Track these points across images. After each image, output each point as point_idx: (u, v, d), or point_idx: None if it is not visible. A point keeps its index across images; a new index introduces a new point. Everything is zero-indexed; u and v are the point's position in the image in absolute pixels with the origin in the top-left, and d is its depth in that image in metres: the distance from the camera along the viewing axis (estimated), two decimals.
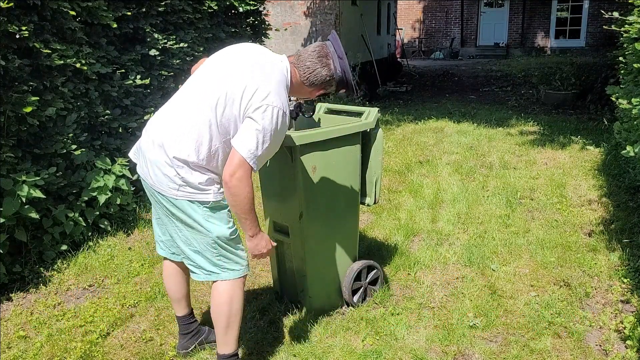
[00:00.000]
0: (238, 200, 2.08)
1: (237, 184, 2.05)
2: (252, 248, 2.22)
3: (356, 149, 2.92)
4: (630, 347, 2.64)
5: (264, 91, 2.09)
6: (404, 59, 17.84)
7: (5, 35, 3.21)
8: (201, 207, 2.16)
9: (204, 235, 2.20)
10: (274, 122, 2.08)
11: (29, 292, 3.32)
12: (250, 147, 2.04)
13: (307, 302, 2.94)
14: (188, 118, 2.13)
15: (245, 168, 2.04)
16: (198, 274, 2.29)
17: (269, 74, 2.17)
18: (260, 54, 2.27)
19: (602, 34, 16.65)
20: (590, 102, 9.14)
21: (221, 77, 2.16)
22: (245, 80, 2.11)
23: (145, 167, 2.23)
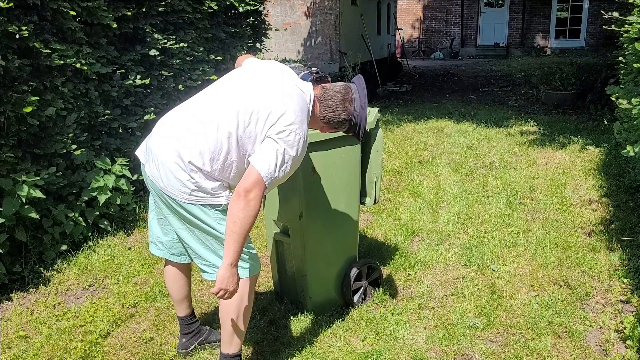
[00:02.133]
0: (242, 216, 2.01)
1: (250, 203, 2.01)
2: (220, 278, 2.04)
3: (356, 149, 2.92)
4: (630, 347, 2.64)
5: (290, 117, 2.09)
6: (404, 59, 17.85)
7: (5, 35, 3.20)
8: (213, 210, 2.15)
9: (217, 238, 2.19)
10: (294, 148, 2.08)
11: (29, 292, 3.32)
12: (269, 167, 2.04)
13: (307, 302, 2.94)
14: (209, 126, 2.10)
15: (261, 187, 2.03)
16: (210, 273, 2.26)
17: (297, 101, 2.17)
18: (291, 79, 2.27)
19: (602, 34, 16.65)
20: (590, 102, 9.14)
21: (252, 92, 2.15)
22: (275, 102, 2.11)
23: (155, 169, 2.18)
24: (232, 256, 2.04)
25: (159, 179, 2.17)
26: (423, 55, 21.27)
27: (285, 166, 2.08)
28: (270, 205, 2.97)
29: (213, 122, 2.11)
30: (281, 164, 2.06)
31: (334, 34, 11.82)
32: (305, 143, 2.14)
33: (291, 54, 12.15)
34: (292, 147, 2.08)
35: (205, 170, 2.10)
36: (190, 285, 2.61)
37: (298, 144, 2.09)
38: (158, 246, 2.50)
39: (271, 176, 2.04)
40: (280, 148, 2.06)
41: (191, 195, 2.12)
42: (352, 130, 2.37)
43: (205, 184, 2.11)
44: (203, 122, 2.12)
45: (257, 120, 2.09)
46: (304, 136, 2.12)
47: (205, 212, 2.15)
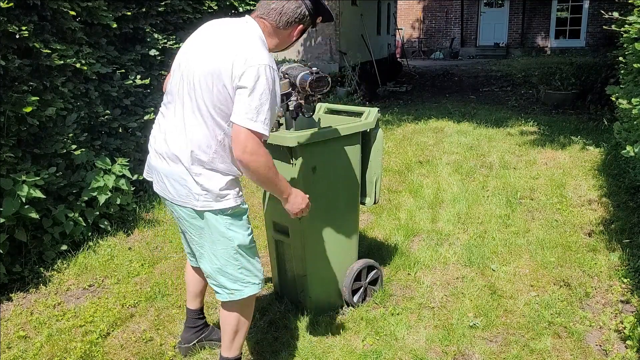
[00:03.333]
0: (261, 172, 1.99)
1: (252, 158, 1.94)
2: (290, 208, 2.19)
3: (356, 149, 2.92)
4: (630, 347, 2.64)
5: (242, 56, 1.98)
6: (404, 59, 17.84)
7: (5, 35, 3.21)
8: (222, 215, 2.13)
9: (226, 247, 2.16)
10: (264, 80, 1.96)
11: (29, 292, 3.32)
12: (249, 115, 1.93)
13: (307, 302, 2.94)
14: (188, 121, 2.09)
15: (254, 138, 1.94)
16: (221, 294, 2.25)
17: (240, 39, 2.07)
18: (224, 27, 2.15)
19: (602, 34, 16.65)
20: (590, 102, 9.14)
21: (201, 67, 2.06)
22: (222, 58, 2.01)
23: (162, 182, 2.19)
24: (283, 193, 2.13)
25: (167, 191, 2.17)
26: (423, 55, 21.27)
27: (266, 104, 1.96)
28: (270, 205, 2.97)
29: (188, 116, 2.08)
30: (260, 104, 1.94)
31: (334, 34, 11.82)
32: (273, 70, 2.00)
33: (291, 54, 12.15)
34: (262, 81, 1.95)
35: (206, 161, 2.07)
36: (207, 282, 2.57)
37: (266, 74, 1.96)
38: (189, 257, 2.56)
39: (259, 122, 1.94)
40: (251, 90, 1.94)
41: (199, 201, 2.09)
42: (316, 13, 2.21)
43: (212, 185, 2.08)
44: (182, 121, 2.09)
45: (219, 81, 2.00)
46: (266, 63, 1.98)
47: (215, 218, 2.12)
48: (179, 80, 2.14)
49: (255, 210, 4.63)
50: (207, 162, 2.08)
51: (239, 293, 2.22)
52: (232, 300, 2.23)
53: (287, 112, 2.76)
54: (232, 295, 2.22)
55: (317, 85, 2.73)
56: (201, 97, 2.05)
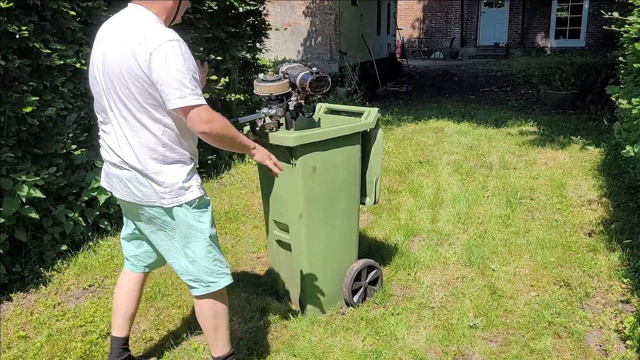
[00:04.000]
0: (225, 134, 2.07)
1: (211, 126, 2.00)
2: (260, 158, 2.29)
3: (356, 149, 2.92)
4: (630, 347, 2.64)
5: (140, 44, 1.95)
6: (404, 59, 17.84)
7: (5, 35, 3.21)
8: (190, 209, 2.14)
9: (199, 239, 2.19)
10: (171, 56, 1.94)
11: (29, 292, 3.32)
12: (181, 93, 1.94)
13: (307, 302, 2.94)
14: (126, 130, 2.08)
15: (200, 110, 1.97)
16: (197, 289, 2.26)
17: (132, 28, 2.03)
18: (116, 26, 2.13)
19: (602, 34, 16.65)
20: (590, 102, 9.14)
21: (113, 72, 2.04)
22: (125, 55, 1.99)
23: (126, 188, 2.18)
24: (249, 146, 2.22)
25: (132, 195, 2.17)
26: (423, 55, 21.27)
27: (185, 74, 1.94)
28: (270, 205, 2.97)
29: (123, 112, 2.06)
30: (182, 77, 1.93)
31: (334, 34, 11.81)
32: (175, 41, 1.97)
33: (291, 54, 12.15)
34: (171, 58, 1.93)
35: (161, 152, 2.06)
36: (139, 304, 2.55)
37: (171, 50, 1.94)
38: (130, 261, 2.48)
39: (191, 94, 1.94)
40: (166, 71, 1.93)
41: (165, 199, 2.10)
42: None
43: (173, 179, 2.09)
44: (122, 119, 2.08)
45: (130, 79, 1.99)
46: (166, 39, 1.96)
47: (184, 213, 2.14)
48: (102, 94, 2.13)
49: (255, 210, 4.63)
50: (161, 159, 2.08)
51: (215, 285, 2.25)
52: (207, 293, 2.25)
53: (287, 112, 2.77)
54: (209, 287, 2.24)
55: (317, 85, 2.73)
56: (127, 101, 2.04)
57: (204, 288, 2.25)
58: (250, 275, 3.53)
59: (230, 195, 5.06)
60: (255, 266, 3.67)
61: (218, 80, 5.46)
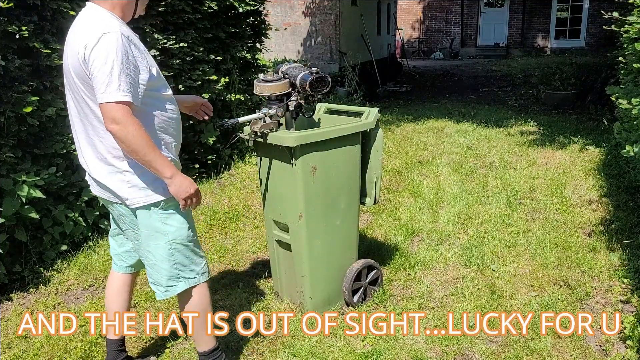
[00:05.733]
0: (130, 142, 1.90)
1: (118, 128, 1.88)
2: (175, 192, 2.05)
3: (356, 149, 2.92)
4: (630, 347, 2.64)
5: (82, 39, 1.94)
6: (404, 59, 17.84)
7: (5, 35, 3.20)
8: (155, 210, 2.12)
9: (160, 241, 2.15)
10: (104, 48, 1.88)
11: (29, 292, 3.32)
12: (102, 88, 1.87)
13: (307, 302, 2.94)
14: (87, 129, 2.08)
15: (117, 108, 1.87)
16: (158, 293, 2.26)
17: (81, 25, 2.03)
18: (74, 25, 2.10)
19: (602, 34, 16.65)
20: (590, 102, 9.14)
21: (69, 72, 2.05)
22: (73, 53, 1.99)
23: (98, 187, 2.20)
24: (162, 172, 2.00)
25: (104, 192, 2.17)
26: (423, 56, 21.27)
27: (118, 70, 1.89)
28: (270, 205, 2.97)
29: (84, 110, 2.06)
30: (110, 73, 1.87)
31: (334, 34, 11.81)
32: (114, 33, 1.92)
33: (291, 54, 12.15)
34: (104, 51, 1.88)
35: (121, 156, 2.05)
36: (130, 303, 2.54)
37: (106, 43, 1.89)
38: (114, 260, 2.48)
39: (115, 90, 1.87)
40: (96, 63, 1.89)
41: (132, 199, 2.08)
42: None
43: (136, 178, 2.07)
44: (82, 117, 2.08)
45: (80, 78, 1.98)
46: (105, 31, 1.91)
47: (149, 213, 2.12)
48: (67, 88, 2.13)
49: (255, 210, 4.63)
50: (123, 157, 2.06)
51: (173, 289, 2.22)
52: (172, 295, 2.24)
53: (287, 112, 2.77)
54: (167, 292, 2.23)
55: (317, 85, 2.73)
56: (80, 99, 2.04)
57: (163, 293, 2.23)
58: (250, 275, 3.53)
59: (230, 195, 5.06)
60: (255, 266, 3.67)
61: (218, 80, 5.46)
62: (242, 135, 2.73)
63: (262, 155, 2.91)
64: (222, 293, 3.28)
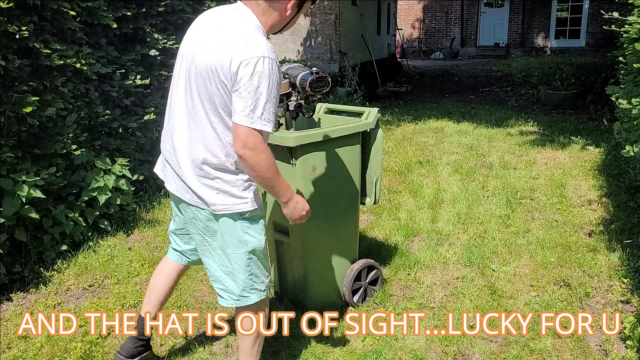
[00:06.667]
0: (259, 170, 1.94)
1: (251, 153, 1.89)
2: (290, 213, 2.15)
3: (356, 149, 2.92)
4: (630, 347, 2.64)
5: (238, 50, 1.91)
6: (404, 59, 17.84)
7: (5, 35, 3.20)
8: (239, 219, 2.09)
9: (240, 250, 2.12)
10: (259, 73, 1.89)
11: (29, 292, 3.32)
12: (246, 112, 1.88)
13: (307, 302, 2.94)
14: (193, 123, 2.03)
15: (254, 135, 1.89)
16: (226, 300, 2.21)
17: (236, 30, 1.98)
18: (220, 19, 2.08)
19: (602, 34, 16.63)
20: (590, 102, 9.13)
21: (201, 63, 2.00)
22: (219, 53, 1.94)
23: (178, 181, 2.13)
24: (282, 197, 2.08)
25: (185, 192, 2.12)
26: (423, 55, 21.27)
27: (264, 98, 1.89)
28: (270, 205, 2.97)
29: (191, 114, 2.03)
30: (257, 99, 1.88)
31: (334, 34, 11.81)
32: (272, 60, 1.92)
33: (291, 54, 12.15)
34: (258, 75, 1.88)
35: (216, 163, 2.02)
36: (172, 290, 2.53)
37: (262, 68, 1.89)
38: (173, 253, 2.47)
39: (257, 117, 1.88)
40: (247, 86, 1.88)
41: (217, 205, 2.04)
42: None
43: (229, 187, 2.04)
44: (188, 119, 2.04)
45: (214, 78, 1.95)
46: (263, 55, 1.90)
47: (233, 222, 2.08)
48: (183, 78, 2.08)
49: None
50: (220, 164, 2.03)
51: (245, 300, 2.18)
52: (242, 306, 2.20)
53: (287, 112, 2.76)
54: (238, 301, 2.19)
55: (317, 85, 2.73)
56: (205, 95, 1.99)
57: (234, 301, 2.19)
58: None
59: None
60: None
61: None
62: None
63: None
64: None
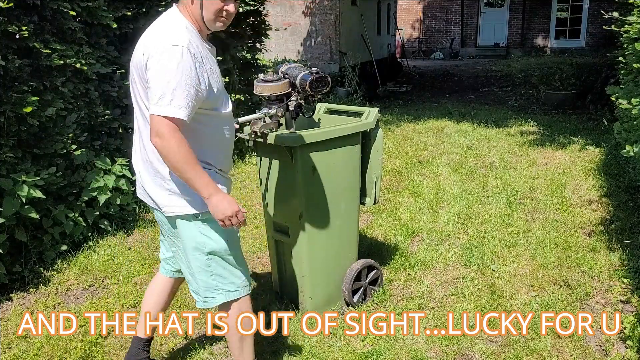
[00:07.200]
0: (172, 160, 1.88)
1: (162, 143, 1.86)
2: (212, 212, 1.98)
3: (356, 149, 2.92)
4: (630, 347, 2.64)
5: (149, 43, 1.94)
6: (404, 59, 17.84)
7: (5, 35, 3.21)
8: (194, 220, 2.08)
9: (197, 252, 2.12)
10: (166, 61, 1.87)
11: (29, 292, 3.32)
12: (155, 99, 1.85)
13: (307, 302, 2.94)
14: (140, 127, 2.08)
15: (164, 123, 1.85)
16: (197, 301, 2.24)
17: (154, 28, 2.01)
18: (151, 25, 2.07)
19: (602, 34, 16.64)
20: (590, 102, 9.13)
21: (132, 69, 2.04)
22: (138, 52, 1.98)
23: (141, 190, 2.20)
24: (200, 191, 1.95)
25: (145, 196, 2.18)
26: (423, 56, 21.26)
27: (174, 85, 1.85)
28: (270, 205, 2.97)
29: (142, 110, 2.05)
30: (165, 87, 1.85)
31: (334, 34, 11.81)
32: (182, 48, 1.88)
33: (291, 54, 12.15)
34: (166, 62, 1.86)
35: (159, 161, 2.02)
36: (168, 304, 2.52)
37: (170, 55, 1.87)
38: (162, 264, 2.47)
39: (166, 104, 1.84)
40: (154, 74, 1.88)
41: (169, 207, 2.05)
42: None
43: (178, 187, 2.04)
44: (139, 116, 2.08)
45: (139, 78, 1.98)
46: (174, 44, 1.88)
47: (187, 224, 2.08)
48: (130, 91, 2.12)
49: (256, 210, 4.63)
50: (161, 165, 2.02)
51: (212, 300, 2.18)
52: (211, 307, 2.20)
53: (287, 112, 2.76)
54: (205, 303, 2.20)
55: (317, 85, 2.73)
56: (139, 97, 2.03)
57: (202, 302, 2.21)
58: (250, 275, 3.52)
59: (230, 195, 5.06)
60: (255, 266, 3.67)
61: None
62: (242, 135, 2.73)
63: (262, 155, 2.91)
64: None
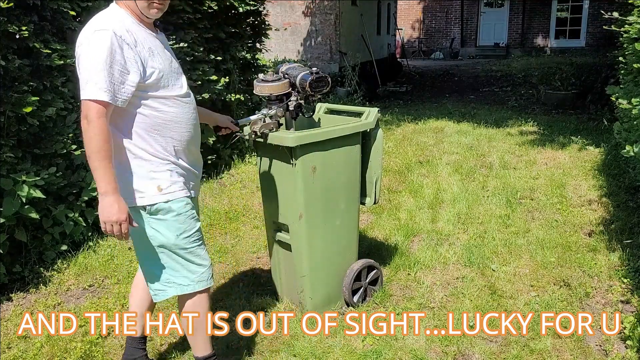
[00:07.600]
0: (87, 142, 1.88)
1: (86, 126, 1.88)
2: (100, 211, 1.92)
3: (356, 149, 2.92)
4: (630, 347, 2.64)
5: (79, 37, 1.97)
6: (404, 59, 17.84)
7: (5, 35, 3.20)
8: (143, 212, 2.06)
9: (148, 245, 2.11)
10: (88, 45, 1.90)
11: (29, 292, 3.32)
12: (82, 84, 1.90)
13: (307, 302, 2.94)
14: None
15: (90, 106, 1.88)
16: (150, 292, 2.24)
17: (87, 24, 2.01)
18: None
19: (602, 34, 16.65)
20: (590, 102, 9.13)
21: None
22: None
23: None
24: (99, 184, 1.90)
25: None
26: (423, 56, 21.27)
27: (101, 68, 1.87)
28: (270, 205, 2.97)
29: None
30: (93, 71, 1.88)
31: (334, 34, 11.82)
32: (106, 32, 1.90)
33: (291, 54, 12.15)
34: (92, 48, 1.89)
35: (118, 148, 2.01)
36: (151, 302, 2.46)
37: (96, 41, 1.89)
38: None
39: (94, 89, 1.87)
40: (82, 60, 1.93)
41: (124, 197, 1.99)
42: None
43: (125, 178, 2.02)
44: None
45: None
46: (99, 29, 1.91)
47: (138, 215, 2.07)
48: None
49: (255, 210, 4.63)
50: (118, 152, 2.01)
51: (163, 293, 2.19)
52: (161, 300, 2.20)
53: (287, 112, 2.77)
54: (156, 296, 2.20)
55: (317, 85, 2.73)
56: None
57: (153, 295, 2.21)
58: (250, 275, 3.53)
59: (230, 196, 5.06)
60: (255, 266, 3.67)
61: (218, 80, 5.46)
62: (242, 135, 2.73)
63: (262, 155, 2.91)
64: (222, 293, 3.28)
